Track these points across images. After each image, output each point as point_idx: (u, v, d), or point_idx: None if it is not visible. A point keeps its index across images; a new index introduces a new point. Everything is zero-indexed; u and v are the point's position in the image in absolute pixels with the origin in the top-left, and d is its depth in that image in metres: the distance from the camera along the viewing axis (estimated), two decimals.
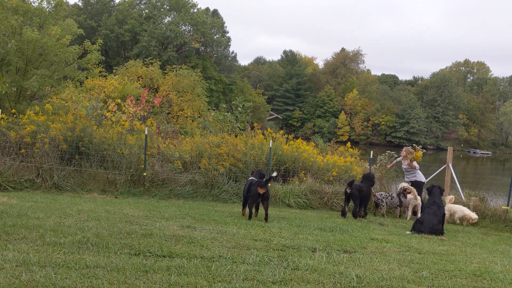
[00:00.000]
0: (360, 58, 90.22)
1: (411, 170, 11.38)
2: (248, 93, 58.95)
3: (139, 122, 16.01)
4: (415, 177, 11.37)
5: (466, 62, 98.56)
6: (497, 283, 4.79)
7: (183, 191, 11.59)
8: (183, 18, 58.28)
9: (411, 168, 11.34)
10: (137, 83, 26.16)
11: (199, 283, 4.02)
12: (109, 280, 3.91)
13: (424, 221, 8.46)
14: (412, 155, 11.36)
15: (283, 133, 14.43)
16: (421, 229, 8.35)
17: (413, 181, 11.40)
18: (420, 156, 11.67)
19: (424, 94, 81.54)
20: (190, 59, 56.23)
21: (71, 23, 16.52)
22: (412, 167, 11.32)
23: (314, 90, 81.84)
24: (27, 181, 10.88)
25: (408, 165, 11.37)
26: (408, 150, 11.58)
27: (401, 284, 4.44)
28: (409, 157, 11.35)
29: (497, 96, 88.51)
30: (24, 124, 12.00)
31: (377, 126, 77.92)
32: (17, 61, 15.07)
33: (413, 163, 11.27)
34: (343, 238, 6.91)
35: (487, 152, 74.90)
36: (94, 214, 7.16)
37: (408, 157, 11.38)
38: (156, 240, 5.59)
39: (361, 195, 10.25)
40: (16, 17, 14.60)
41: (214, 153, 12.38)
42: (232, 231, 6.71)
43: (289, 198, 11.65)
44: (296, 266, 4.82)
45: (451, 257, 6.09)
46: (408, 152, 11.50)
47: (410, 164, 11.29)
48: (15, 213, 6.65)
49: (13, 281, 3.72)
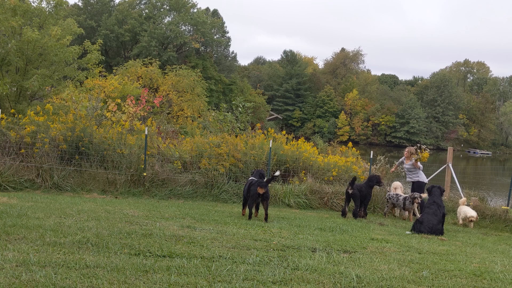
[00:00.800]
0: (360, 58, 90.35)
1: (414, 170, 11.37)
2: (248, 93, 58.92)
3: (139, 122, 16.01)
4: (418, 177, 11.35)
5: (466, 62, 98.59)
6: (497, 283, 4.79)
7: (183, 191, 11.59)
8: (183, 18, 58.29)
9: (415, 168, 11.32)
10: (137, 83, 26.16)
11: (199, 283, 4.02)
12: (109, 280, 3.91)
13: (424, 221, 8.46)
14: (417, 155, 11.34)
15: (283, 134, 14.44)
16: (420, 229, 8.35)
17: (415, 181, 11.38)
18: (427, 156, 11.66)
19: (424, 94, 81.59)
20: (190, 59, 56.22)
21: (71, 22, 16.53)
22: (416, 167, 11.30)
23: (314, 90, 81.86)
24: (27, 181, 10.88)
25: (412, 165, 11.35)
26: (411, 150, 11.56)
27: (401, 284, 4.44)
28: (414, 157, 11.32)
29: (497, 96, 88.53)
30: (24, 124, 12.00)
31: (377, 126, 77.94)
32: (17, 61, 15.08)
33: (418, 163, 11.26)
34: (343, 238, 6.91)
35: (487, 152, 74.90)
36: (94, 214, 7.16)
37: (412, 157, 11.36)
38: (156, 240, 5.59)
39: (362, 195, 10.24)
40: (17, 19, 14.61)
41: (214, 153, 12.38)
42: (232, 231, 6.71)
43: (289, 198, 11.65)
44: (296, 266, 4.82)
45: (451, 257, 6.09)
46: (410, 152, 11.48)
47: (414, 164, 11.28)
48: (15, 213, 6.65)
49: (13, 281, 3.72)
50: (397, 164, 12.44)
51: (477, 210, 11.19)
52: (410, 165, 11.42)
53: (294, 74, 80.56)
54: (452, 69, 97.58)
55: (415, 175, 11.37)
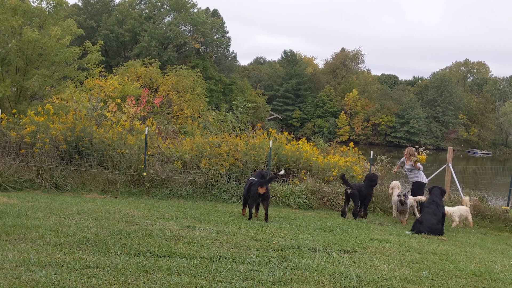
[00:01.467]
0: (360, 58, 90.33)
1: (414, 171, 11.37)
2: (248, 93, 58.91)
3: (139, 122, 16.01)
4: (417, 178, 11.36)
5: (466, 62, 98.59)
6: (497, 283, 4.79)
7: (183, 191, 11.59)
8: (183, 18, 58.28)
9: (415, 168, 11.33)
10: (137, 83, 26.15)
11: (199, 283, 4.02)
12: (109, 280, 3.91)
13: (423, 221, 8.46)
14: (416, 157, 11.35)
15: (285, 134, 14.43)
16: (420, 229, 8.34)
17: (414, 182, 11.38)
18: (424, 159, 11.68)
19: (424, 94, 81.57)
20: (190, 59, 56.21)
21: (71, 23, 16.54)
22: (416, 168, 11.31)
23: (314, 90, 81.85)
24: (27, 181, 10.88)
25: (412, 166, 11.36)
26: (411, 150, 11.55)
27: (401, 284, 4.44)
28: (413, 159, 11.34)
29: (497, 96, 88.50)
30: (24, 124, 12.00)
31: (377, 126, 77.93)
32: (17, 61, 15.08)
33: (417, 164, 11.27)
34: (343, 238, 6.91)
35: (487, 152, 74.89)
36: (94, 214, 7.16)
37: (412, 159, 11.37)
38: (156, 240, 5.59)
39: (361, 195, 10.23)
40: (17, 18, 14.60)
41: (214, 153, 12.38)
42: (232, 231, 6.71)
43: (289, 198, 11.65)
44: (296, 266, 4.82)
45: (451, 257, 6.09)
46: (410, 153, 11.47)
47: (414, 165, 11.29)
48: (15, 213, 6.65)
49: (13, 281, 3.72)
50: (399, 164, 12.44)
51: (477, 210, 11.19)
52: (410, 166, 11.43)
53: (294, 74, 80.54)
54: (452, 69, 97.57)
55: (415, 175, 11.38)
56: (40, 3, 16.28)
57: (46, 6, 16.19)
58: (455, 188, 13.13)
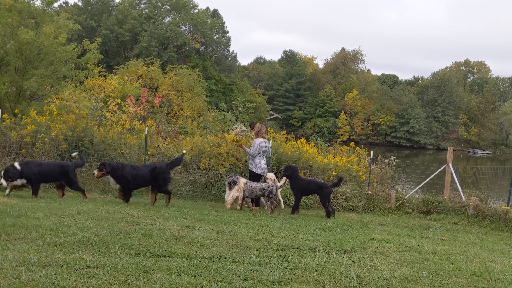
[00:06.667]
0: (360, 58, 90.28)
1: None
2: (248, 93, 58.95)
3: (139, 122, 16.02)
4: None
5: (466, 62, 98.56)
6: (497, 283, 4.79)
7: (183, 191, 11.60)
8: (183, 18, 58.30)
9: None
10: (137, 83, 26.17)
11: (199, 283, 4.01)
12: (109, 280, 3.90)
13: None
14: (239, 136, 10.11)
15: (283, 134, 14.43)
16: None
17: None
18: (234, 138, 10.63)
19: (424, 94, 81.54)
20: (190, 59, 56.23)
21: (66, 17, 16.43)
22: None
23: (314, 90, 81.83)
24: None
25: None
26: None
27: (401, 284, 4.44)
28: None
29: (498, 96, 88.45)
30: (25, 124, 12.01)
31: (377, 126, 77.90)
32: (16, 61, 15.07)
33: (243, 146, 10.33)
34: (343, 238, 6.90)
35: (487, 152, 74.85)
36: (94, 214, 7.15)
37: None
38: (156, 240, 5.58)
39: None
40: (12, 14, 14.57)
41: (214, 153, 12.37)
42: (232, 231, 6.70)
43: (289, 198, 11.64)
44: (296, 266, 4.81)
45: (451, 257, 6.09)
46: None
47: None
48: (15, 213, 6.64)
49: (13, 281, 3.71)
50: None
51: (477, 210, 11.19)
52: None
53: (294, 74, 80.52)
54: (453, 69, 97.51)
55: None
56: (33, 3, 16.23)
57: (41, 5, 16.09)
58: (456, 188, 13.12)
